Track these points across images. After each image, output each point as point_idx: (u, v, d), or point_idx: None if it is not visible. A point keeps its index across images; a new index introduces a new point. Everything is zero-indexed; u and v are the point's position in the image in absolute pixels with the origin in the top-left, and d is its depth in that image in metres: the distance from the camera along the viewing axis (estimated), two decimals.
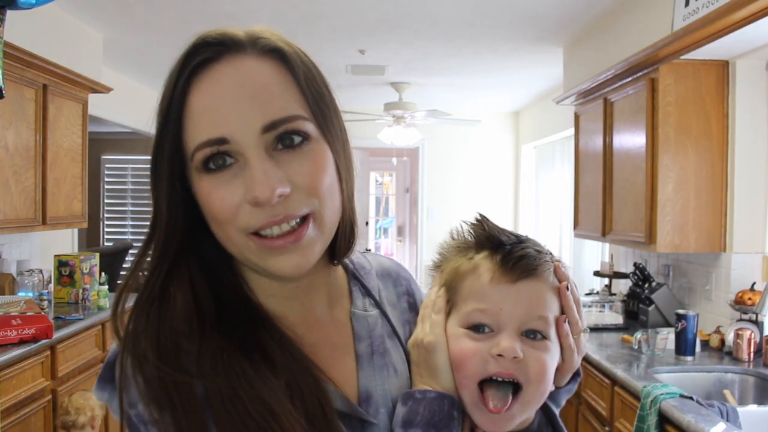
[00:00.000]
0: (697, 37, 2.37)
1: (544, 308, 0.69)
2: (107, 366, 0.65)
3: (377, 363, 0.72)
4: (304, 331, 0.68)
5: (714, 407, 1.94)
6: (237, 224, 0.62)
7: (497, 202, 6.81)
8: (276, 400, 0.60)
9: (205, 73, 0.62)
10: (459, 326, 0.70)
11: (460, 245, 0.76)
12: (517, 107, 6.57)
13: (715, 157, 2.75)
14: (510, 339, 0.67)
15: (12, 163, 2.96)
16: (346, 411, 0.65)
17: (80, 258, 3.56)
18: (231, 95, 0.61)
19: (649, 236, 2.78)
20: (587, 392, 2.75)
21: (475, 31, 3.79)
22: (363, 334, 0.73)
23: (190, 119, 0.62)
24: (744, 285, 2.65)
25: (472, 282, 0.71)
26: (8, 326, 2.55)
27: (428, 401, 0.68)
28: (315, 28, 3.69)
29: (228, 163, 0.61)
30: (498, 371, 0.67)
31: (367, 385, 0.70)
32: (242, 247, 0.63)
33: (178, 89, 0.62)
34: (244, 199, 0.60)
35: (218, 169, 0.61)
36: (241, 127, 0.60)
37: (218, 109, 0.60)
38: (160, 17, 3.54)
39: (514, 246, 0.72)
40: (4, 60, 1.35)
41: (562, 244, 5.55)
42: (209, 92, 0.61)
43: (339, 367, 0.69)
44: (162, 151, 0.63)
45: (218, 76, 0.61)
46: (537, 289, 0.70)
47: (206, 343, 0.62)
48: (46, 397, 2.75)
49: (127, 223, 8.24)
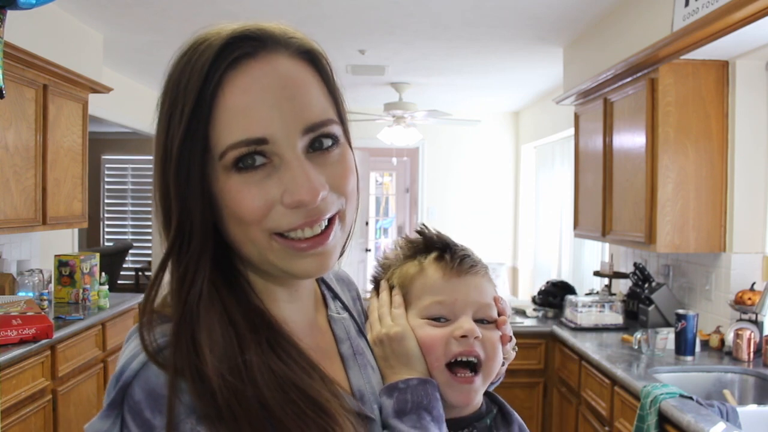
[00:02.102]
0: (697, 37, 2.37)
1: (488, 296, 0.81)
2: (120, 389, 0.58)
3: (360, 362, 0.74)
4: (302, 336, 0.68)
5: (714, 407, 1.94)
6: (265, 225, 0.60)
7: (497, 202, 6.81)
8: (324, 397, 0.61)
9: (241, 69, 0.60)
10: (419, 318, 0.79)
11: (403, 254, 0.85)
12: (517, 107, 6.57)
13: (715, 157, 2.75)
14: (470, 322, 0.78)
15: (12, 163, 2.96)
16: (356, 410, 0.67)
17: (80, 258, 3.56)
18: (272, 95, 0.59)
19: (649, 236, 2.78)
20: (587, 392, 2.75)
21: (475, 31, 3.79)
22: (342, 336, 0.76)
23: (223, 116, 0.59)
24: (744, 285, 2.65)
25: (423, 281, 0.81)
26: (8, 326, 2.55)
27: (413, 388, 0.72)
28: (315, 28, 3.69)
29: (258, 162, 0.60)
30: (462, 350, 0.77)
31: (358, 384, 0.72)
32: (264, 248, 0.62)
33: (211, 83, 0.59)
34: (279, 200, 0.60)
35: (248, 168, 0.59)
36: (283, 129, 0.59)
37: (258, 109, 0.59)
38: (160, 17, 3.54)
39: (456, 248, 0.83)
40: (4, 60, 1.35)
41: (562, 244, 5.55)
42: (249, 90, 0.59)
43: (332, 369, 0.70)
44: (191, 149, 0.59)
45: (256, 74, 0.60)
46: (479, 282, 0.82)
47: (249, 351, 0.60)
48: (46, 397, 2.75)
49: (127, 223, 8.24)
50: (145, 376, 0.58)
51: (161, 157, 0.62)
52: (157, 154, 0.63)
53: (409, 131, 5.51)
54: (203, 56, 0.59)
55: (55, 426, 2.82)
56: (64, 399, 2.90)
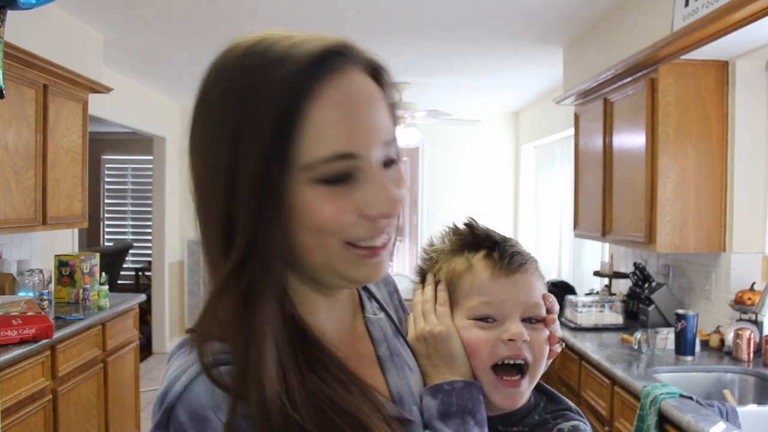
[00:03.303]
0: (696, 37, 2.37)
1: (537, 295, 0.79)
2: (165, 411, 0.59)
3: (397, 364, 0.74)
4: (339, 344, 0.68)
5: (714, 407, 1.94)
6: (344, 234, 0.62)
7: (497, 202, 6.81)
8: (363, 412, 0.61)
9: (329, 83, 0.60)
10: (465, 319, 0.77)
11: (451, 248, 0.83)
12: (517, 107, 6.57)
13: (715, 157, 2.75)
14: (518, 325, 0.76)
15: (12, 163, 2.96)
16: (395, 416, 0.67)
17: (80, 258, 3.56)
18: (361, 110, 0.61)
19: (649, 236, 2.78)
20: (587, 392, 2.76)
21: (475, 31, 3.79)
22: (380, 338, 0.76)
23: (311, 129, 0.58)
24: (744, 285, 2.65)
25: (471, 280, 0.79)
26: (8, 326, 2.55)
27: (458, 391, 0.72)
28: (315, 28, 3.67)
29: (344, 176, 0.61)
30: (509, 354, 0.76)
31: (396, 386, 0.72)
32: (334, 256, 0.63)
33: (298, 95, 0.58)
34: (358, 209, 0.61)
35: (334, 181, 0.60)
36: (366, 144, 0.61)
37: (349, 123, 0.60)
38: (160, 17, 3.54)
39: (506, 245, 0.80)
40: (4, 60, 1.35)
41: (562, 244, 5.55)
42: (339, 104, 0.60)
43: (371, 374, 0.71)
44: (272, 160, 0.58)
45: (345, 88, 0.61)
46: (529, 279, 0.79)
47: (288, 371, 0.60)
48: (47, 397, 2.75)
49: (127, 223, 8.24)
50: (188, 398, 0.58)
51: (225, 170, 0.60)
52: (216, 166, 0.60)
53: (409, 131, 5.51)
54: (284, 68, 0.59)
55: (55, 426, 2.82)
56: (64, 399, 2.90)
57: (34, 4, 1.31)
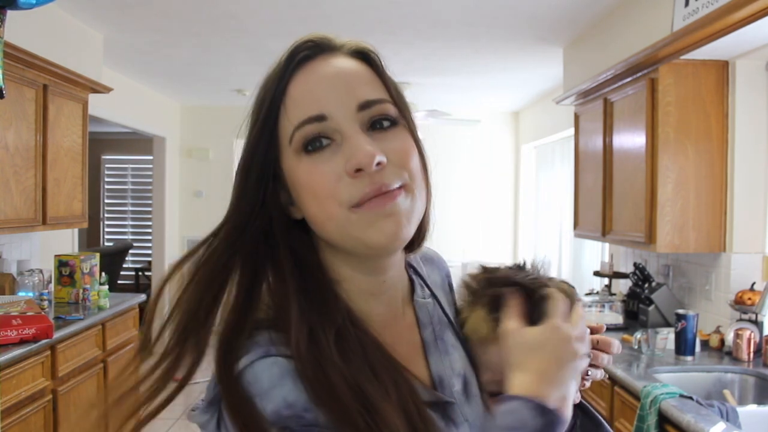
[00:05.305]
0: (697, 37, 2.37)
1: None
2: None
3: (440, 348, 0.76)
4: (383, 329, 0.70)
5: (714, 407, 1.94)
6: (339, 198, 0.64)
7: (497, 202, 6.81)
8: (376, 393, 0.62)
9: (303, 68, 0.68)
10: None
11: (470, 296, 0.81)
12: (517, 107, 6.57)
13: (715, 157, 2.75)
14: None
15: (12, 163, 2.96)
16: (433, 400, 0.69)
17: (80, 258, 3.56)
18: (328, 81, 0.66)
19: (649, 236, 2.78)
20: (587, 392, 2.76)
21: (475, 31, 3.79)
22: (426, 320, 0.77)
23: (289, 105, 0.66)
24: (744, 285, 2.65)
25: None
26: (8, 326, 2.55)
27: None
28: (315, 28, 3.65)
29: (325, 144, 0.65)
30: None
31: (437, 369, 0.73)
32: (343, 222, 0.65)
33: (281, 83, 0.67)
34: (344, 171, 0.64)
35: (316, 150, 0.65)
36: (339, 106, 0.65)
37: (316, 92, 0.66)
38: (160, 17, 3.54)
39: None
40: (4, 60, 1.35)
41: (562, 244, 5.55)
42: (308, 80, 0.67)
43: (414, 359, 0.72)
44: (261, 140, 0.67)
45: (315, 67, 0.67)
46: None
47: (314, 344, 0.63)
48: (46, 397, 2.75)
49: (127, 223, 8.24)
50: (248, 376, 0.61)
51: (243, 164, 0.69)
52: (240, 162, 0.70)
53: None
54: (278, 64, 0.69)
55: (55, 426, 2.82)
56: (64, 399, 2.90)
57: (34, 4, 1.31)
